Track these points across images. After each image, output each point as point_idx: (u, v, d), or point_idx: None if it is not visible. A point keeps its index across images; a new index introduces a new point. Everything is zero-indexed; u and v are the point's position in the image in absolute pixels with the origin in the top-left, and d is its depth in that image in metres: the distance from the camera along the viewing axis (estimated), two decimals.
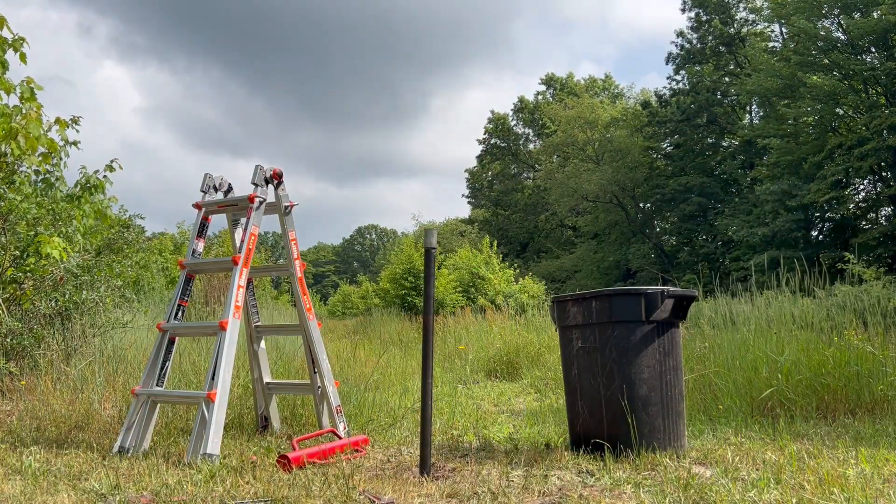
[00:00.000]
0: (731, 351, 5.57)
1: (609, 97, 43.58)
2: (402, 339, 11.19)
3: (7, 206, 5.49)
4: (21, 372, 5.49)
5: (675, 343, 3.66)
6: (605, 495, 2.77)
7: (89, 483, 2.94)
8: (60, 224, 5.92)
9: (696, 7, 32.77)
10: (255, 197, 3.93)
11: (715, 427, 4.41)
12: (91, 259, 6.36)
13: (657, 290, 3.59)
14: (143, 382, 3.92)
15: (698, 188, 30.40)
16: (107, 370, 5.41)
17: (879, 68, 22.43)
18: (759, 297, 7.44)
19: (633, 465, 3.26)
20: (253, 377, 4.41)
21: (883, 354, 5.12)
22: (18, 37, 5.02)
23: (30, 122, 4.93)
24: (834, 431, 4.25)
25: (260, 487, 2.86)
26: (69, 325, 6.02)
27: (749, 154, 30.18)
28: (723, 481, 2.87)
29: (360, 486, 2.88)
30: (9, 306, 5.58)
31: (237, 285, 3.76)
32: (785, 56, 25.32)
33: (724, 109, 31.65)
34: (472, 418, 4.98)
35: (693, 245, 31.83)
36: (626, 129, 34.37)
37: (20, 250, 5.69)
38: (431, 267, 3.32)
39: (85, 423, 4.51)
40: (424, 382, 3.23)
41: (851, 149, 22.20)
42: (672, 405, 3.58)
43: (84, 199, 6.00)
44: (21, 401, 5.04)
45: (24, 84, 5.06)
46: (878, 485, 2.81)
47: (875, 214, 26.01)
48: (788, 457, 3.34)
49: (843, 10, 23.70)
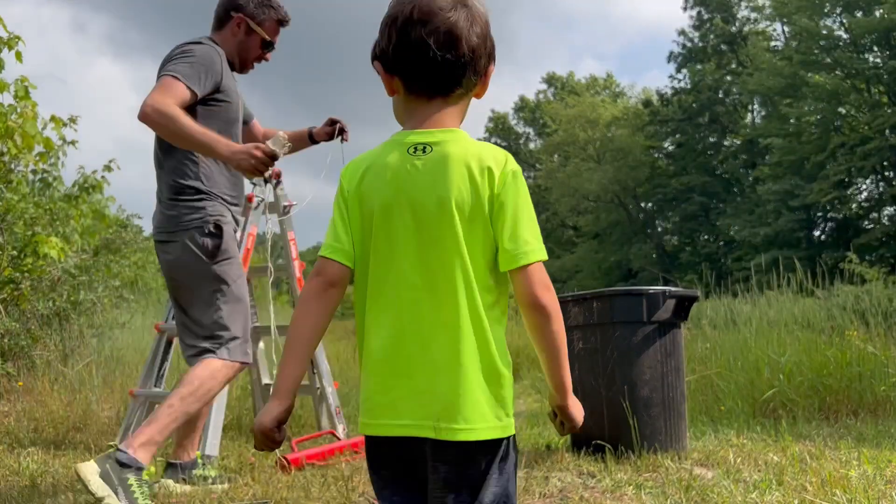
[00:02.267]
0: (733, 352, 5.55)
1: (610, 96, 43.60)
2: None
3: (4, 205, 5.48)
4: (18, 373, 5.47)
5: (676, 344, 3.64)
6: (606, 497, 2.74)
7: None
8: (58, 224, 5.91)
9: (697, 5, 32.77)
10: (254, 196, 3.91)
11: (717, 428, 4.39)
12: (89, 259, 6.36)
13: (659, 291, 3.57)
14: (141, 383, 3.89)
15: (700, 188, 30.40)
16: (104, 371, 5.40)
17: (882, 67, 22.43)
18: (760, 297, 7.42)
19: (635, 467, 3.24)
20: (252, 378, 4.39)
21: (885, 355, 5.10)
22: (13, 35, 4.99)
23: (26, 120, 4.92)
24: (836, 432, 4.22)
25: (259, 489, 2.84)
26: (67, 325, 6.01)
27: (751, 153, 30.18)
28: (724, 483, 2.85)
29: (360, 487, 2.86)
30: (6, 307, 5.56)
31: None
32: (787, 55, 25.33)
33: (725, 108, 31.66)
34: None
35: (695, 245, 31.85)
36: (628, 129, 34.37)
37: (17, 250, 5.67)
38: None
39: (83, 425, 4.49)
40: None
41: (854, 148, 22.21)
42: (674, 406, 3.55)
43: (82, 198, 5.99)
44: (18, 402, 5.03)
45: (18, 83, 5.04)
46: (881, 486, 2.78)
47: (878, 214, 26.00)
48: (790, 458, 3.31)
49: (845, 9, 23.70)
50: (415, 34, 1.19)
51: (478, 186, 1.19)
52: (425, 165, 1.21)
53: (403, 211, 1.20)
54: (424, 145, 1.22)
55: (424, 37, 1.19)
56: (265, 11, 2.80)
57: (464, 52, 1.21)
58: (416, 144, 1.22)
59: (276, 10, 2.83)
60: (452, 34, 1.20)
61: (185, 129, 2.47)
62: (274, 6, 2.82)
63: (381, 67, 1.27)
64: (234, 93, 2.82)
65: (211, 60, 2.67)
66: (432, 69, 1.21)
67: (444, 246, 1.19)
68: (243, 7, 2.79)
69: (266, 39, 2.83)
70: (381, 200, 1.22)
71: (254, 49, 2.84)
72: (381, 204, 1.22)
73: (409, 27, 1.20)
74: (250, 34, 2.81)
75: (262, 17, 2.80)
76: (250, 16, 2.79)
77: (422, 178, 1.20)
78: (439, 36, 1.19)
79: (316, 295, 1.24)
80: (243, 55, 2.85)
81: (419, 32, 1.19)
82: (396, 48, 1.22)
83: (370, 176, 1.25)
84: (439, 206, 1.19)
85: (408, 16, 1.20)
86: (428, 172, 1.20)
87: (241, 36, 2.81)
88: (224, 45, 2.80)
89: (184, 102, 2.55)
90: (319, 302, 1.25)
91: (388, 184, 1.22)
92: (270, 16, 2.82)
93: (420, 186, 1.20)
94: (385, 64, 1.25)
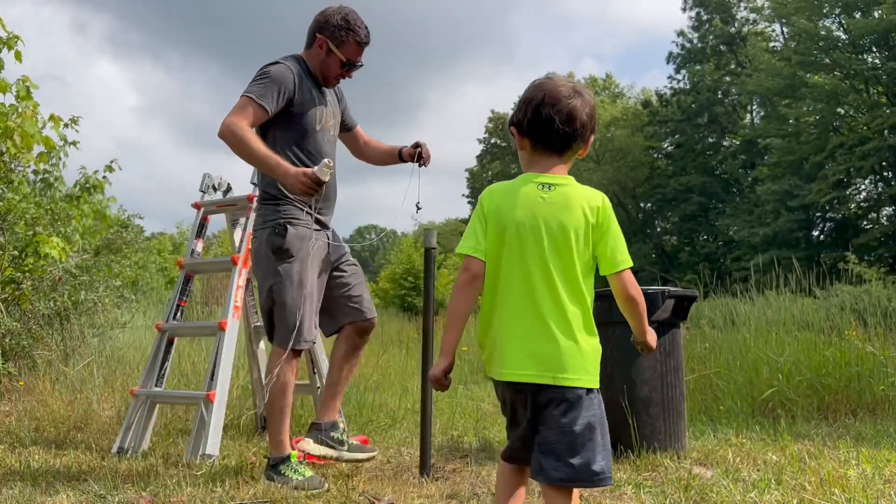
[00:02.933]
0: (732, 351, 5.56)
1: (610, 96, 43.56)
2: (401, 339, 11.17)
3: (5, 205, 5.48)
4: (20, 372, 5.48)
5: (676, 343, 3.65)
6: (605, 496, 2.75)
7: (88, 484, 2.93)
8: (59, 224, 5.91)
9: (696, 6, 32.76)
10: (255, 197, 3.92)
11: (716, 428, 4.40)
12: (90, 259, 6.36)
13: (658, 290, 3.58)
14: (141, 383, 3.90)
15: (699, 188, 30.38)
16: (105, 371, 5.40)
17: (881, 68, 22.44)
18: (759, 297, 7.43)
19: (634, 466, 3.25)
20: (252, 378, 4.40)
21: (884, 355, 5.11)
22: (13, 35, 4.98)
23: (26, 120, 4.92)
24: (835, 432, 4.23)
25: (259, 488, 2.85)
26: (68, 325, 6.02)
27: (750, 154, 30.17)
28: (724, 482, 2.86)
29: (360, 486, 2.87)
30: (7, 306, 5.57)
31: (236, 285, 3.75)
32: (786, 56, 25.32)
33: (725, 109, 31.64)
34: (472, 419, 4.96)
35: (694, 245, 31.84)
36: (627, 129, 34.35)
37: (19, 250, 5.68)
38: (431, 267, 3.31)
39: (84, 424, 4.50)
40: (424, 382, 3.22)
41: (853, 148, 22.21)
42: (673, 406, 3.56)
43: (83, 199, 5.99)
44: (20, 401, 5.04)
45: (20, 83, 5.04)
46: (880, 486, 2.80)
47: (876, 214, 26.02)
48: (789, 457, 3.32)
49: (844, 10, 23.71)
50: (545, 113, 1.77)
51: (587, 218, 1.74)
52: (551, 199, 1.76)
53: (534, 228, 1.74)
54: (550, 184, 1.78)
55: (553, 115, 1.76)
56: (345, 34, 3.06)
57: (577, 127, 1.78)
58: (544, 183, 1.78)
59: (355, 32, 3.07)
60: (571, 115, 1.77)
61: (253, 151, 2.85)
62: (353, 29, 3.06)
63: (516, 131, 1.85)
64: (312, 104, 3.09)
65: (283, 79, 2.98)
66: (555, 137, 1.78)
67: (559, 254, 1.73)
68: (325, 30, 3.07)
69: (344, 60, 3.08)
70: (517, 218, 1.76)
71: (334, 67, 3.11)
72: (517, 221, 1.76)
73: (541, 108, 1.77)
74: (330, 55, 3.08)
75: (341, 40, 3.06)
76: (330, 38, 3.06)
77: (548, 207, 1.75)
78: (562, 116, 1.76)
79: (466, 285, 1.79)
80: (325, 72, 3.13)
81: (548, 112, 1.76)
82: (531, 121, 1.79)
83: (507, 200, 1.79)
84: (560, 227, 1.74)
85: (540, 100, 1.78)
86: (553, 204, 1.76)
87: (322, 56, 3.10)
88: (310, 62, 3.13)
89: (257, 120, 2.93)
90: (469, 289, 1.79)
91: (523, 207, 1.76)
92: (350, 38, 3.06)
93: (547, 213, 1.75)
94: (520, 130, 1.83)
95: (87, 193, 6.00)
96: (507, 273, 1.76)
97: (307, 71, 3.12)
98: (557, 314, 1.72)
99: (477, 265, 1.77)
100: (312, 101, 3.10)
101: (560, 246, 1.73)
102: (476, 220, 1.81)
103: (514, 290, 1.75)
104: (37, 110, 5.10)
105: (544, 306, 1.72)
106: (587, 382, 1.72)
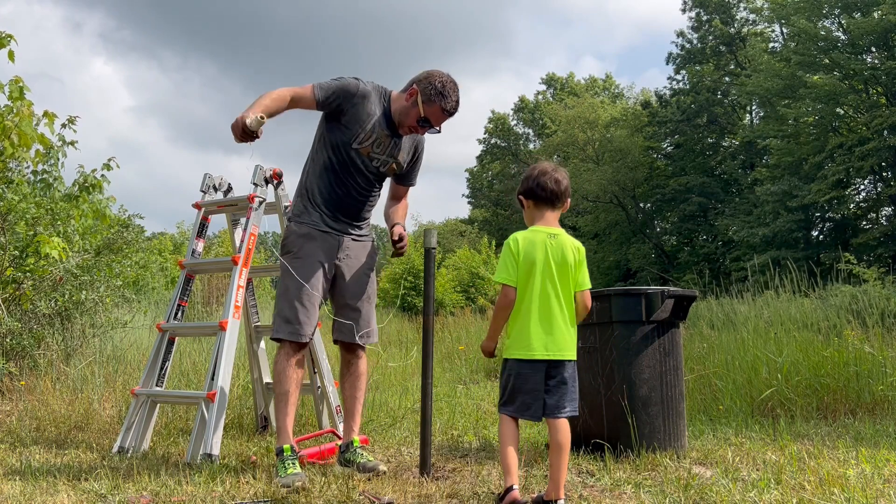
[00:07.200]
0: (731, 351, 5.57)
1: (609, 97, 43.59)
2: (401, 338, 11.18)
3: (6, 205, 5.49)
4: (21, 372, 5.49)
5: (675, 343, 3.66)
6: (605, 495, 2.76)
7: (89, 483, 2.94)
8: (59, 224, 5.91)
9: (696, 7, 32.76)
10: (255, 197, 3.93)
11: (715, 427, 4.41)
12: (90, 259, 6.36)
13: (657, 290, 3.59)
14: (142, 382, 3.91)
15: (699, 188, 30.37)
16: (106, 370, 5.41)
17: (880, 68, 22.43)
18: (758, 297, 7.44)
19: (634, 466, 3.26)
20: (253, 377, 4.41)
21: (882, 355, 5.12)
22: (5, 34, 4.95)
23: (22, 119, 4.91)
24: (834, 432, 4.24)
25: (260, 487, 2.86)
26: (69, 325, 6.03)
27: (749, 154, 30.17)
28: (723, 482, 2.87)
29: (360, 486, 2.88)
30: (8, 306, 5.57)
31: (237, 285, 3.76)
32: (785, 56, 25.30)
33: (724, 109, 31.63)
34: (472, 418, 4.97)
35: (693, 245, 31.83)
36: (627, 129, 34.33)
37: (19, 250, 5.68)
38: (431, 267, 3.32)
39: (84, 424, 4.51)
40: (424, 382, 3.22)
41: (852, 149, 22.20)
42: (672, 405, 3.57)
43: (82, 198, 5.98)
44: (21, 401, 5.04)
45: (13, 83, 5.01)
46: (879, 485, 2.81)
47: (875, 214, 26.02)
48: (789, 457, 3.33)
49: (843, 10, 23.72)
50: (542, 181, 2.75)
51: (575, 256, 2.73)
52: (556, 244, 2.71)
53: (547, 262, 2.68)
54: (554, 234, 2.73)
55: (548, 183, 2.74)
56: (435, 97, 3.19)
57: (563, 188, 2.78)
58: (550, 233, 2.73)
59: (444, 99, 3.19)
60: (558, 180, 2.76)
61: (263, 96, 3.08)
62: (444, 95, 3.19)
63: (523, 198, 2.80)
64: (360, 125, 3.23)
65: (346, 88, 3.21)
66: (551, 197, 2.76)
67: (564, 280, 2.71)
68: (422, 84, 3.21)
69: (422, 116, 3.20)
70: (538, 258, 2.67)
71: (411, 117, 3.23)
72: (538, 260, 2.67)
73: (539, 178, 2.75)
74: (414, 106, 3.21)
75: (430, 99, 3.19)
76: (422, 92, 3.20)
77: (555, 250, 2.70)
78: (553, 180, 2.75)
79: (505, 307, 2.70)
80: (402, 118, 3.27)
81: (544, 182, 2.75)
82: (533, 188, 2.76)
83: (530, 245, 2.69)
84: (562, 263, 2.70)
85: (538, 174, 2.77)
86: (558, 248, 2.71)
87: (407, 104, 3.23)
88: (395, 103, 3.29)
89: (303, 99, 3.16)
90: (507, 310, 2.70)
91: (541, 250, 2.68)
92: (437, 102, 3.19)
93: (555, 254, 2.70)
94: (525, 195, 2.78)
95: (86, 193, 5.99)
96: (531, 293, 2.67)
97: (385, 105, 3.28)
98: (561, 315, 2.68)
99: (513, 291, 2.68)
100: (363, 123, 3.23)
101: (562, 273, 2.70)
102: (508, 258, 2.70)
103: (537, 305, 2.67)
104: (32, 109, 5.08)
105: (554, 310, 2.67)
106: (574, 356, 2.71)
